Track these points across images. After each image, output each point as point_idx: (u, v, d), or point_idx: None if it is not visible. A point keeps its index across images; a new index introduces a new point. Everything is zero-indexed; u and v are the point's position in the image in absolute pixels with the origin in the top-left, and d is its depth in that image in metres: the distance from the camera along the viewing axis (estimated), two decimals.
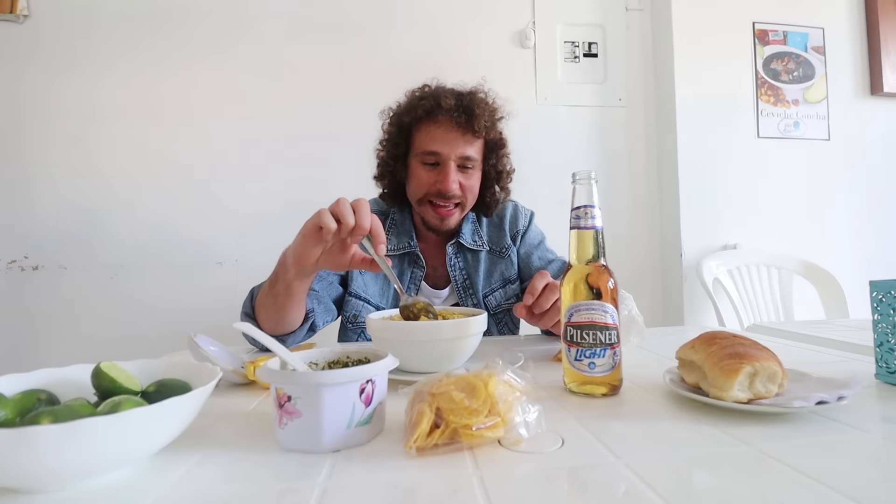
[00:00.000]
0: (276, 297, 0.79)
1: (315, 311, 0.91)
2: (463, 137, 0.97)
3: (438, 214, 1.00)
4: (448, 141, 0.97)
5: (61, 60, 1.76)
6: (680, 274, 1.95)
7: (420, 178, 1.00)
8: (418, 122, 1.00)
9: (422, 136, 1.00)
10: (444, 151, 0.97)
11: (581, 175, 0.59)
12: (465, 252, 1.09)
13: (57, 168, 1.75)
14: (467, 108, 0.96)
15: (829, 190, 2.07)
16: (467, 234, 1.08)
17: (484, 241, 1.09)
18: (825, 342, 0.86)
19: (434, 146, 0.98)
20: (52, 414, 0.35)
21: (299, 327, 0.87)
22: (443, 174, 0.97)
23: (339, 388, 0.43)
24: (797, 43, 2.08)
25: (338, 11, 1.90)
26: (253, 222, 1.82)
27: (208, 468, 0.40)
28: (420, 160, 1.00)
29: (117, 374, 0.45)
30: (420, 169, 1.00)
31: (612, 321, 0.56)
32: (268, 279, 0.83)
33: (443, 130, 0.97)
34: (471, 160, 0.99)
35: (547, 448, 0.42)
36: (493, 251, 1.10)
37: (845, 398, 0.47)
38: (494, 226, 1.12)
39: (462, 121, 0.96)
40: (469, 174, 1.01)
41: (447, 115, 0.96)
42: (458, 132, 0.97)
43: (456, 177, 0.98)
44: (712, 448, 0.42)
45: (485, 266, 1.08)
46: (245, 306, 0.89)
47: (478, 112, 0.96)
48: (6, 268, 1.71)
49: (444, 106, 0.96)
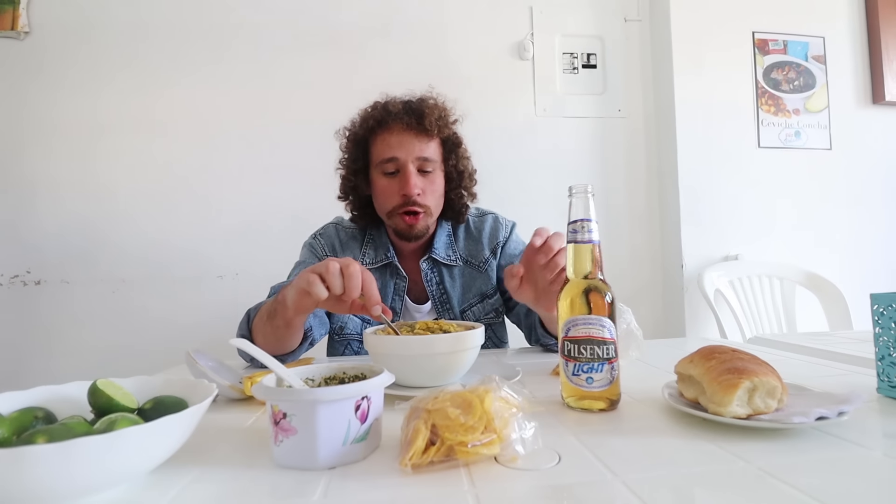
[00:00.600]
0: (275, 330, 0.80)
1: (312, 327, 0.91)
2: (417, 138, 0.99)
3: (406, 222, 1.00)
4: (402, 144, 0.98)
5: (62, 76, 1.79)
6: (681, 285, 1.94)
7: (384, 190, 1.01)
8: (372, 133, 1.02)
9: (377, 146, 1.01)
10: (401, 155, 0.98)
11: (577, 189, 0.60)
12: (440, 266, 1.08)
13: (59, 183, 1.77)
14: (416, 110, 0.99)
15: (832, 199, 2.07)
16: (440, 249, 1.07)
17: (458, 256, 1.09)
18: (827, 354, 0.85)
19: (390, 152, 0.99)
20: (47, 433, 0.36)
21: (299, 347, 0.88)
22: (403, 179, 0.98)
23: (334, 404, 0.43)
24: (797, 52, 2.09)
25: (337, 25, 1.92)
26: (253, 235, 1.83)
27: (204, 485, 0.40)
28: (380, 171, 1.01)
29: (113, 391, 0.45)
30: (382, 180, 1.01)
31: (610, 336, 0.56)
32: (264, 307, 0.83)
33: (396, 135, 0.99)
34: (429, 161, 1.00)
35: (543, 465, 0.42)
36: (470, 264, 1.09)
37: (846, 413, 0.47)
38: (472, 239, 1.11)
39: (413, 123, 0.98)
40: (430, 178, 1.01)
41: (398, 121, 0.98)
42: (410, 134, 0.98)
43: (417, 181, 0.98)
44: (711, 465, 0.41)
45: (461, 281, 1.08)
46: (241, 328, 0.89)
47: (427, 112, 0.98)
48: (9, 282, 1.73)
49: (393, 111, 0.98)
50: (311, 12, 1.91)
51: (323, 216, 1.18)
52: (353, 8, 1.94)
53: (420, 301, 1.08)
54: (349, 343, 1.03)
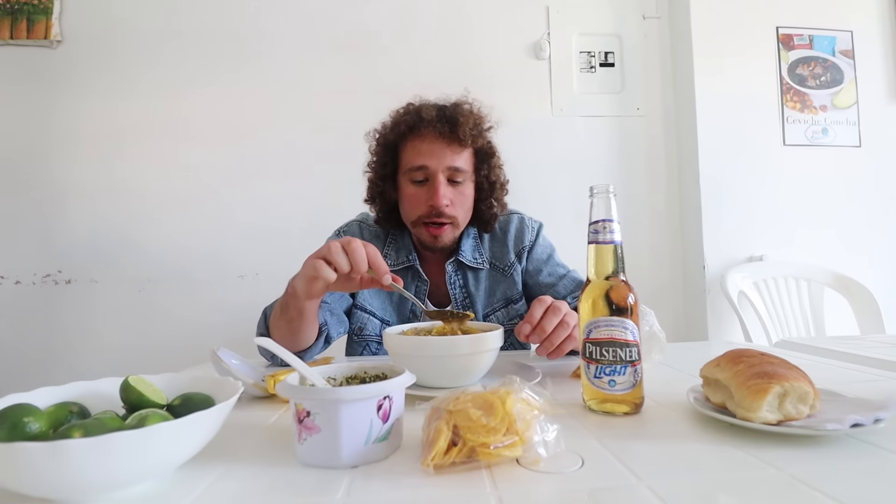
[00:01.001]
0: (289, 322, 0.81)
1: (329, 324, 0.92)
2: (449, 147, 0.95)
3: (430, 233, 0.97)
4: (434, 153, 0.95)
5: (92, 82, 1.84)
6: (703, 287, 1.91)
7: (411, 198, 0.98)
8: (403, 139, 0.99)
9: (408, 153, 0.98)
10: (432, 164, 0.95)
11: (598, 189, 0.59)
12: (466, 270, 1.06)
13: (89, 186, 1.82)
14: (450, 117, 0.95)
15: (861, 198, 2.01)
16: (467, 252, 1.05)
17: (485, 258, 1.06)
18: (860, 359, 0.82)
19: (421, 160, 0.96)
20: (82, 427, 0.37)
21: (315, 342, 0.88)
22: (432, 189, 0.95)
23: (357, 404, 0.43)
24: (824, 47, 2.03)
25: (354, 28, 1.95)
26: (273, 236, 1.86)
27: (230, 482, 0.41)
28: (409, 178, 0.98)
29: (144, 387, 0.46)
30: (410, 188, 0.98)
31: (633, 338, 0.55)
32: (277, 302, 0.84)
33: (428, 143, 0.95)
34: (460, 171, 0.97)
35: (566, 468, 0.41)
36: (496, 268, 1.06)
37: (882, 420, 0.45)
38: (498, 241, 1.08)
39: (446, 131, 0.94)
40: (460, 188, 0.98)
41: (430, 127, 0.95)
42: (443, 143, 0.95)
43: (446, 191, 0.95)
44: (739, 471, 0.40)
45: (486, 284, 1.05)
46: (259, 327, 0.90)
47: (461, 120, 0.94)
48: (41, 281, 1.78)
49: (426, 118, 0.94)
50: (329, 16, 1.93)
51: (341, 217, 1.19)
52: (371, 11, 1.95)
53: (441, 304, 1.07)
54: (368, 344, 1.03)
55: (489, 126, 1.02)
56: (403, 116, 0.99)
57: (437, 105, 0.99)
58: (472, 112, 0.98)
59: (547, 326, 0.69)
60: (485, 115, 1.02)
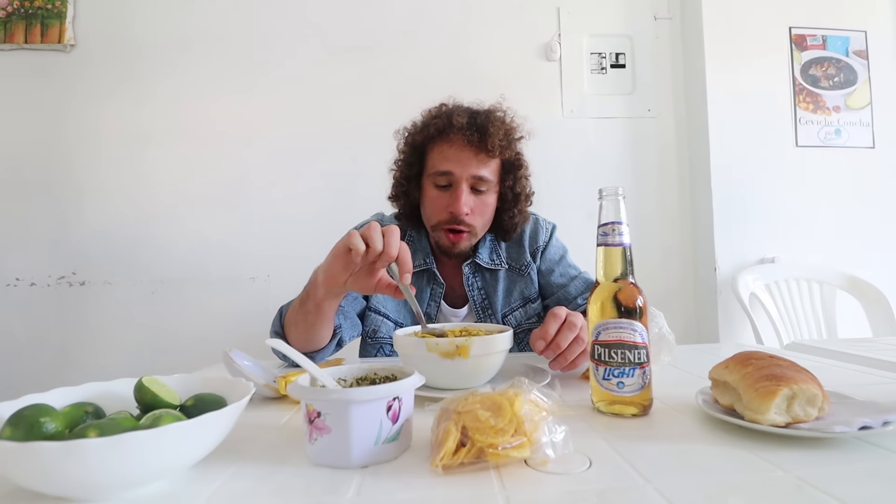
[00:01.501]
0: (306, 315, 0.81)
1: (342, 327, 0.92)
2: (476, 157, 0.94)
3: (450, 240, 0.97)
4: (460, 160, 0.94)
5: (106, 86, 1.87)
6: (714, 289, 1.89)
7: (433, 202, 0.98)
8: (431, 142, 0.98)
9: (434, 156, 0.97)
10: (457, 171, 0.94)
11: (608, 191, 0.59)
12: (483, 271, 1.05)
13: (102, 189, 1.85)
14: (481, 126, 0.93)
15: (875, 200, 1.98)
16: (484, 254, 1.05)
17: (502, 260, 1.06)
18: (871, 362, 0.82)
19: (446, 166, 0.95)
20: (98, 427, 0.38)
21: (328, 344, 0.89)
22: (454, 196, 0.94)
23: (367, 404, 0.44)
24: (837, 47, 2.01)
25: (365, 32, 1.96)
26: (285, 239, 1.88)
27: (242, 482, 0.42)
28: (433, 181, 0.97)
29: (158, 388, 0.47)
30: (433, 191, 0.98)
31: (642, 340, 0.55)
32: (298, 297, 0.85)
33: (455, 149, 0.94)
34: (484, 181, 0.95)
35: (574, 469, 0.42)
36: (512, 269, 1.06)
37: (891, 423, 0.45)
38: (513, 242, 1.08)
39: (475, 139, 0.92)
40: (482, 197, 0.97)
41: (459, 134, 0.93)
42: (470, 151, 0.93)
43: (468, 199, 0.94)
44: (747, 473, 0.40)
45: (504, 285, 1.05)
46: (274, 324, 0.91)
47: (492, 130, 0.92)
48: (56, 283, 1.82)
49: (456, 124, 0.93)
50: (339, 20, 1.95)
51: (354, 218, 1.20)
52: (381, 13, 1.97)
53: (457, 305, 1.07)
54: (381, 347, 1.03)
55: (520, 136, 1.01)
56: (434, 119, 0.98)
57: (469, 110, 0.98)
58: (503, 122, 0.96)
59: (562, 342, 0.68)
60: (517, 126, 1.00)
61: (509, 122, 0.98)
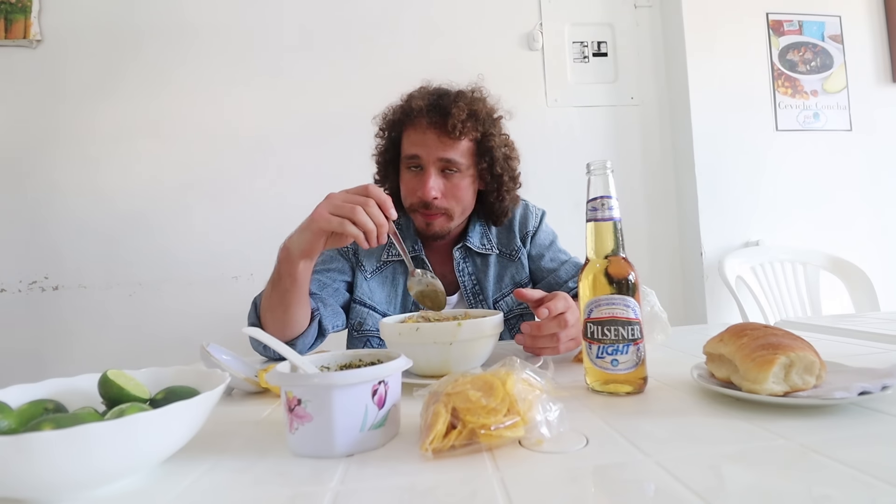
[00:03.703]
0: (282, 295, 0.80)
1: (321, 312, 0.90)
2: (439, 139, 0.92)
3: (424, 220, 0.97)
4: (425, 143, 0.93)
5: (75, 83, 1.80)
6: (701, 273, 1.90)
7: (406, 185, 0.98)
8: (402, 127, 0.98)
9: (404, 141, 0.98)
10: (423, 155, 0.94)
11: (596, 165, 0.57)
12: (474, 256, 1.05)
13: (74, 188, 1.78)
14: (443, 108, 0.92)
15: (854, 181, 2.01)
16: (475, 238, 1.04)
17: (493, 245, 1.05)
18: (859, 334, 0.81)
19: (413, 150, 0.95)
20: (54, 421, 0.34)
21: (308, 328, 0.86)
22: (422, 180, 0.94)
23: (350, 389, 0.41)
24: (813, 32, 2.03)
25: (344, 21, 1.91)
26: (268, 236, 1.82)
27: (218, 475, 0.39)
28: (406, 165, 0.98)
29: (125, 381, 0.44)
30: (406, 174, 0.98)
31: (635, 315, 0.54)
32: (268, 283, 0.84)
33: (419, 133, 0.94)
34: (453, 163, 0.94)
35: (571, 448, 0.40)
36: (503, 254, 1.06)
37: (890, 387, 0.44)
38: (504, 227, 1.08)
39: (436, 122, 0.91)
40: (453, 180, 0.95)
41: (421, 117, 0.93)
42: (433, 134, 0.92)
43: (437, 183, 0.93)
44: (749, 443, 0.39)
45: (494, 270, 1.04)
46: (250, 317, 0.89)
47: (454, 111, 0.90)
48: (27, 288, 1.75)
49: (416, 108, 0.93)
50: (319, 12, 1.90)
51: None
52: (362, 4, 1.92)
53: (448, 293, 1.05)
54: (368, 340, 1.01)
55: (498, 116, 1.00)
56: (402, 104, 0.98)
57: (436, 92, 0.97)
58: (471, 102, 0.94)
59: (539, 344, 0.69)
60: (490, 106, 0.98)
61: (480, 102, 0.96)
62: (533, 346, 0.69)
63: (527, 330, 0.68)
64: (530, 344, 0.69)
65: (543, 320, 0.67)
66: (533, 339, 0.69)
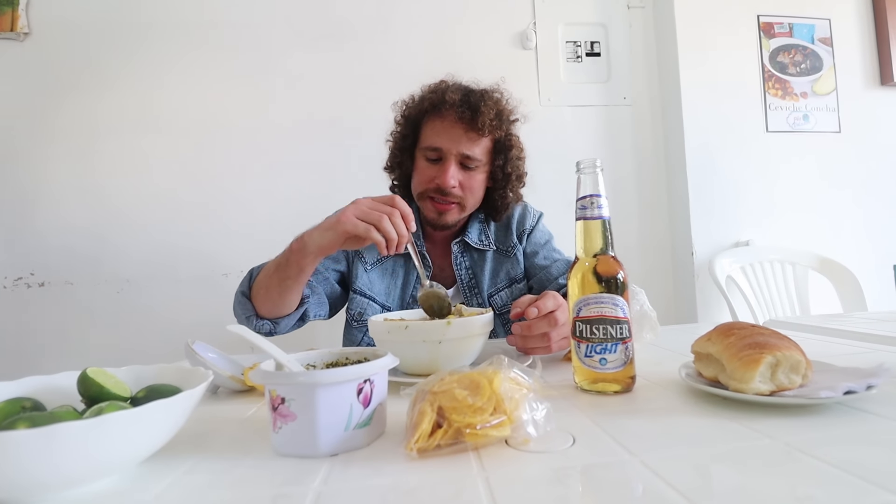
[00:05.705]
0: (283, 280, 0.82)
1: (310, 299, 0.92)
2: (466, 135, 0.95)
3: (436, 209, 0.98)
4: (450, 136, 0.96)
5: (63, 77, 1.77)
6: (692, 273, 1.91)
7: (422, 173, 1.00)
8: (425, 116, 1.00)
9: (427, 131, 0.99)
10: (446, 147, 0.96)
11: (585, 164, 0.57)
12: (471, 251, 1.07)
13: (61, 184, 1.75)
14: (473, 104, 0.94)
15: (842, 182, 2.02)
16: (473, 234, 1.06)
17: (490, 241, 1.07)
18: (846, 334, 0.82)
19: (436, 141, 0.97)
20: (29, 420, 0.34)
21: (293, 312, 0.89)
22: (443, 170, 0.96)
23: (335, 388, 0.41)
24: (804, 35, 2.05)
25: (338, 20, 1.90)
26: (259, 233, 1.81)
27: (198, 475, 0.38)
28: (424, 154, 0.99)
29: (105, 379, 0.43)
30: (423, 163, 1.00)
31: (623, 314, 0.53)
32: (273, 262, 0.86)
33: (446, 125, 0.96)
34: (473, 159, 0.97)
35: (557, 447, 0.40)
36: (500, 250, 1.08)
37: (874, 387, 0.44)
38: (502, 225, 1.10)
39: (466, 117, 0.94)
40: (471, 174, 0.98)
41: (452, 110, 0.95)
42: (461, 128, 0.95)
43: (456, 173, 0.96)
44: (735, 443, 0.39)
45: (490, 265, 1.06)
46: (242, 285, 0.91)
47: (483, 109, 0.93)
48: (12, 285, 1.72)
49: (449, 101, 0.95)
50: (309, 7, 1.89)
51: (330, 208, 1.16)
52: (353, 1, 1.91)
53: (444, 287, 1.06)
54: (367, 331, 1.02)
55: (515, 118, 1.03)
56: (430, 94, 1.00)
57: (465, 88, 0.99)
58: (496, 103, 0.98)
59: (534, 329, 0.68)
60: (511, 108, 1.02)
61: (504, 103, 1.00)
62: (525, 347, 0.69)
63: (517, 330, 0.69)
64: (521, 344, 0.69)
65: (533, 320, 0.67)
66: (524, 339, 0.69)
